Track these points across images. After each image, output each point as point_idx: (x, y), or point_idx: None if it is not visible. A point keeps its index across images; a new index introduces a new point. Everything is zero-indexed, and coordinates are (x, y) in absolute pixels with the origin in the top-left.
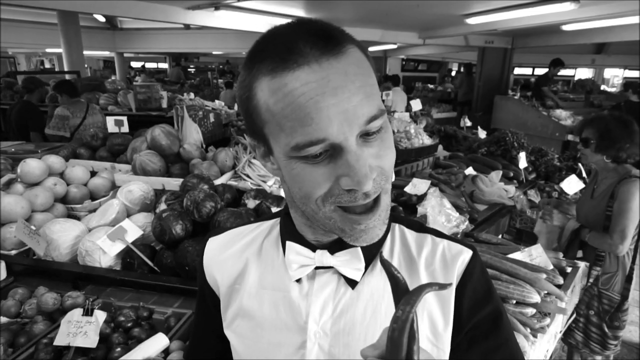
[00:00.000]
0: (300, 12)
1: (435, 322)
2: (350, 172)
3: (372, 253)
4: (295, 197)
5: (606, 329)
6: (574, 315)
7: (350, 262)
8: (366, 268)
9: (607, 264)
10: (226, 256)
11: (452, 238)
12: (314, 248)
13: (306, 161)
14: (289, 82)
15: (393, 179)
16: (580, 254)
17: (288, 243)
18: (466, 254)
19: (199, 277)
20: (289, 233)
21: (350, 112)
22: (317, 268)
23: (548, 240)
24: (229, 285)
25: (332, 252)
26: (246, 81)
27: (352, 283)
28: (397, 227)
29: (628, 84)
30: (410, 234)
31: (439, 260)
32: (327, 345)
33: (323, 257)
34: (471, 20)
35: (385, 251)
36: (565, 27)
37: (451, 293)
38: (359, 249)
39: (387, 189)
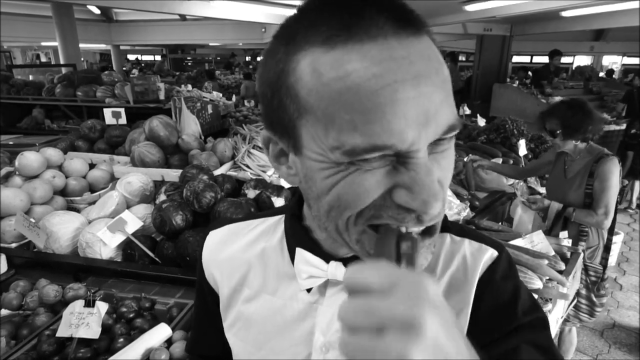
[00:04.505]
0: (298, 1)
1: None
2: (416, 187)
3: None
4: (320, 210)
5: (594, 299)
6: (575, 301)
7: None
8: None
9: (591, 239)
10: (227, 255)
11: (476, 235)
12: (327, 257)
13: (355, 167)
14: (355, 59)
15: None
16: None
17: (298, 250)
18: (489, 254)
19: (198, 272)
20: (298, 238)
21: (431, 114)
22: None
23: (521, 220)
24: (230, 287)
25: (347, 265)
26: (281, 52)
27: None
28: None
29: (609, 72)
30: None
31: (458, 263)
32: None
33: (337, 270)
34: (470, 7)
35: None
36: (564, 13)
37: (468, 303)
38: None
39: (440, 218)
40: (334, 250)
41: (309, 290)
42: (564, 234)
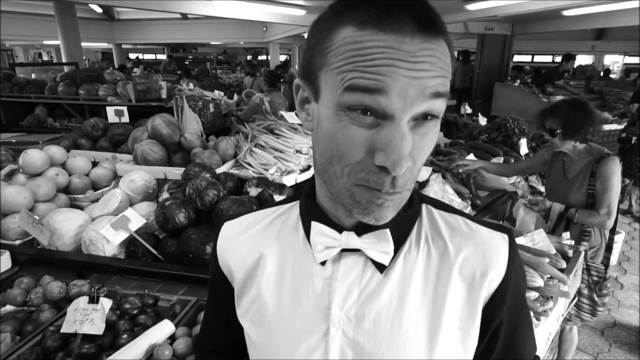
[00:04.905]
0: (299, 1)
1: (465, 305)
2: (389, 149)
3: (400, 235)
4: (323, 157)
5: (596, 298)
6: (576, 299)
7: (377, 244)
8: (394, 251)
9: (593, 238)
10: (242, 240)
11: (484, 222)
12: (339, 229)
13: (353, 117)
14: (374, 41)
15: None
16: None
17: (313, 223)
18: (504, 241)
19: (212, 264)
20: (313, 213)
21: (419, 83)
22: (342, 250)
23: (524, 222)
24: (244, 272)
25: (358, 234)
26: (328, 21)
27: (380, 267)
28: (424, 206)
29: (606, 71)
30: (438, 214)
31: (475, 247)
32: (351, 332)
33: (349, 238)
34: (471, 6)
35: (414, 232)
36: (565, 12)
37: (484, 280)
38: (388, 231)
39: (411, 187)
40: (341, 220)
41: (323, 263)
42: (566, 235)
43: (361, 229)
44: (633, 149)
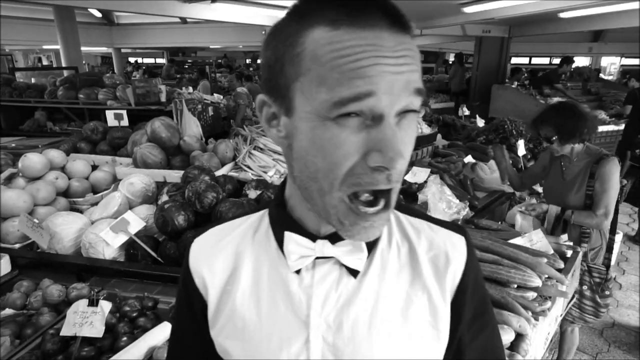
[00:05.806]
0: None
1: (434, 304)
2: (384, 147)
3: (372, 241)
4: (304, 173)
5: (599, 300)
6: (574, 299)
7: (352, 252)
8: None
9: (593, 239)
10: (214, 252)
11: (444, 224)
12: (313, 238)
13: (340, 124)
14: (354, 39)
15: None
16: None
17: (286, 233)
18: (462, 241)
19: (183, 285)
20: (285, 223)
21: (404, 77)
22: (317, 258)
23: (522, 227)
24: (219, 287)
25: (332, 242)
26: (292, 26)
27: (354, 272)
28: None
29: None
30: (405, 218)
31: (439, 248)
32: (331, 338)
33: (324, 247)
34: (468, 9)
35: (384, 237)
36: (562, 15)
37: (449, 277)
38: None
39: (398, 187)
40: (317, 228)
41: (298, 271)
42: (564, 237)
43: (335, 237)
44: None
